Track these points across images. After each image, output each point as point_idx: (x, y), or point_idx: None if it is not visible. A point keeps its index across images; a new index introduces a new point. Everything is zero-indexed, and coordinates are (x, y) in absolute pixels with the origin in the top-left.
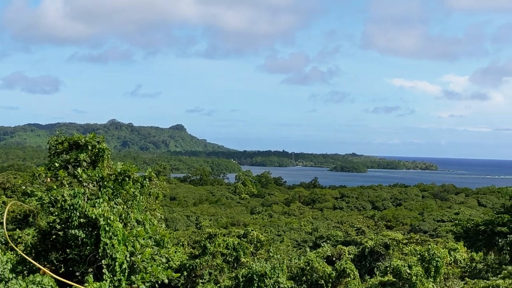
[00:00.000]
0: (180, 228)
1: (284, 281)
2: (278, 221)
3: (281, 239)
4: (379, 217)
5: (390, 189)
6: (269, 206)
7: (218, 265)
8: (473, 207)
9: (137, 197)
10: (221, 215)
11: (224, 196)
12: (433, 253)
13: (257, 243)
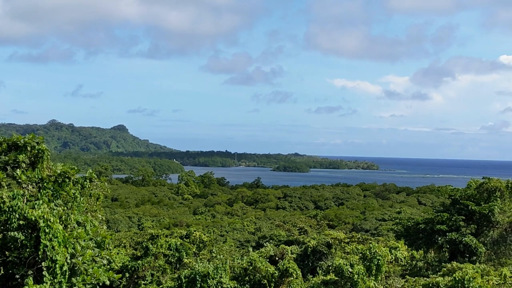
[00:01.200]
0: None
1: (227, 281)
2: (221, 222)
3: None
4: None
5: (332, 189)
6: (212, 207)
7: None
8: (414, 206)
9: (77, 199)
10: (163, 216)
11: (166, 197)
12: (374, 251)
13: (200, 243)
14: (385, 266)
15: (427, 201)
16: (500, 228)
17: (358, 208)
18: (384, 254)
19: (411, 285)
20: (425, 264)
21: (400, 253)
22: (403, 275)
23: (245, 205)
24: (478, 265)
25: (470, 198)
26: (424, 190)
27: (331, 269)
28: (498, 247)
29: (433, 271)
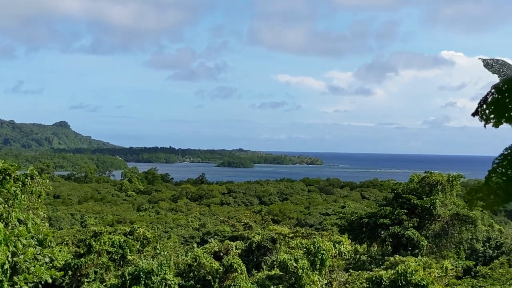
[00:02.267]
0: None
1: (172, 277)
2: (165, 218)
3: (168, 236)
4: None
5: (276, 184)
6: (156, 203)
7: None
8: (357, 200)
9: (18, 196)
10: (106, 213)
11: (110, 194)
12: (318, 246)
13: (144, 240)
14: (329, 260)
15: (370, 196)
16: (441, 221)
17: (302, 203)
18: (328, 248)
19: (355, 279)
20: (368, 258)
21: (343, 247)
22: (347, 269)
23: (189, 201)
24: (420, 258)
25: (412, 192)
26: (367, 184)
27: (276, 264)
28: (439, 240)
29: (376, 264)
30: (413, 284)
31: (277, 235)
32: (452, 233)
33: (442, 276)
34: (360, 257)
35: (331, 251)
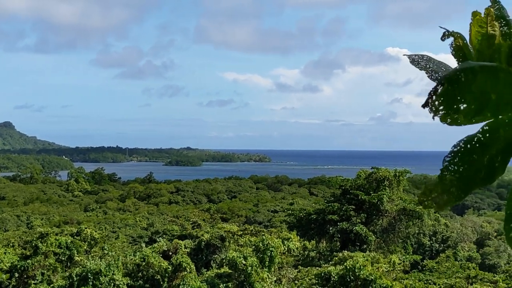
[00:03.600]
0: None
1: (120, 278)
2: (113, 218)
3: (116, 236)
4: (214, 210)
5: (225, 182)
6: (104, 203)
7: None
8: (306, 197)
9: None
10: (53, 214)
11: (56, 194)
12: (267, 243)
13: (91, 240)
14: (278, 257)
15: (318, 192)
16: (389, 216)
17: (251, 200)
18: (277, 245)
19: (304, 275)
20: (317, 254)
21: (292, 244)
22: (296, 266)
23: (137, 200)
24: (368, 253)
25: (359, 188)
26: (315, 181)
27: (225, 262)
28: (387, 235)
29: (325, 260)
30: (361, 279)
31: (226, 233)
32: (399, 228)
33: (390, 271)
34: (309, 253)
35: (280, 248)
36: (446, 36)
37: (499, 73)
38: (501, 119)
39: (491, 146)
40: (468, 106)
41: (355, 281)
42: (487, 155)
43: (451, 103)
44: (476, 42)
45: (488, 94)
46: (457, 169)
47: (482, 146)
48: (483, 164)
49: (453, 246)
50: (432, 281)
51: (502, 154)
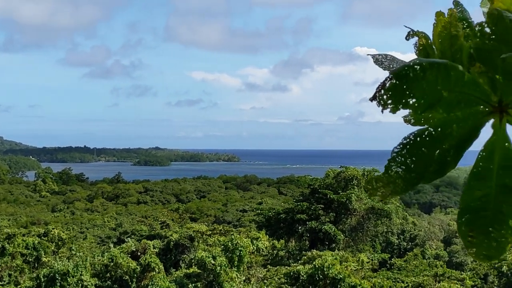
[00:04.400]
0: None
1: (88, 278)
2: (81, 218)
3: (84, 236)
4: (183, 209)
5: (194, 182)
6: (71, 203)
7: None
8: (275, 197)
9: None
10: (20, 215)
11: (23, 195)
12: (236, 243)
13: (59, 241)
14: (247, 256)
15: (287, 192)
16: (357, 215)
17: (220, 200)
18: (246, 245)
19: (273, 274)
20: (286, 253)
21: (261, 243)
22: (265, 265)
23: (105, 200)
24: (337, 252)
25: (328, 187)
26: (284, 180)
27: (194, 262)
28: (356, 233)
29: (294, 259)
30: (330, 278)
31: (194, 233)
32: (367, 226)
33: (359, 269)
34: (278, 252)
35: (249, 248)
36: (410, 35)
37: (450, 71)
38: (454, 115)
39: (444, 141)
40: (417, 101)
41: (324, 280)
42: (438, 149)
43: (399, 97)
44: (439, 42)
45: (439, 91)
46: (404, 161)
47: (433, 140)
48: (433, 158)
49: (421, 245)
50: (400, 279)
51: (455, 149)
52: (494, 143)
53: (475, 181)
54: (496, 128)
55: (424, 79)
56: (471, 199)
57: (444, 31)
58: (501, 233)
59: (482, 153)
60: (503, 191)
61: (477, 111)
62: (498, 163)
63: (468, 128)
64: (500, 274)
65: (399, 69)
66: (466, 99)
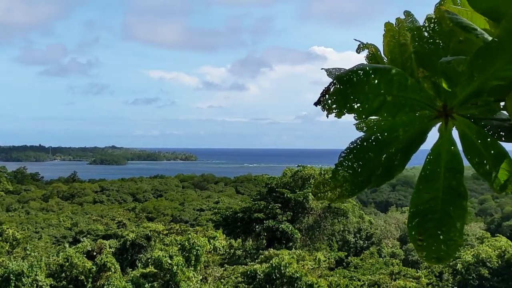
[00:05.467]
0: None
1: (43, 278)
2: (36, 218)
3: (39, 236)
4: (140, 209)
5: (150, 181)
6: (26, 203)
7: None
8: (232, 196)
9: None
10: None
11: None
12: (193, 242)
13: (13, 241)
14: (204, 256)
15: (245, 191)
16: (314, 214)
17: (177, 199)
18: (203, 244)
19: (230, 273)
20: (243, 252)
21: (218, 242)
22: (222, 264)
23: (61, 200)
24: (294, 251)
25: (285, 186)
26: (241, 179)
27: (150, 262)
28: (312, 232)
29: (251, 258)
30: (287, 277)
31: (151, 232)
32: (324, 225)
33: (315, 268)
34: (235, 251)
35: (206, 247)
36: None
37: (393, 76)
38: (400, 120)
39: (390, 145)
40: (361, 105)
41: (281, 278)
42: (385, 153)
43: (343, 102)
44: (389, 51)
45: (383, 96)
46: (351, 165)
47: (380, 145)
48: (380, 162)
49: (377, 243)
50: (357, 278)
51: (402, 153)
52: (441, 146)
53: (423, 184)
54: (442, 132)
55: (368, 83)
56: (419, 202)
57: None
58: (450, 235)
59: (429, 157)
60: (450, 193)
61: (423, 115)
62: (444, 166)
63: (414, 132)
64: (454, 272)
65: (343, 74)
66: (410, 103)
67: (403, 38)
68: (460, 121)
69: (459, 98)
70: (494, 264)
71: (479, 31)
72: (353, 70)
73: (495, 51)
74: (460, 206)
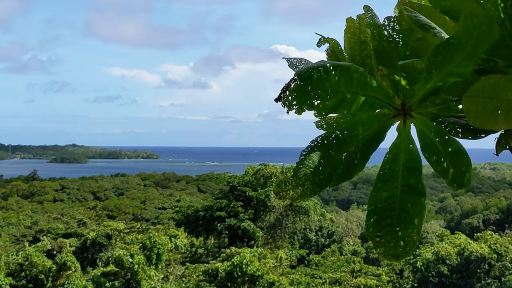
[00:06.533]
0: None
1: (2, 278)
2: None
3: None
4: (101, 207)
5: (112, 179)
6: None
7: None
8: (194, 194)
9: None
10: None
11: None
12: (154, 240)
13: None
14: (165, 254)
15: (207, 189)
16: (276, 212)
17: (138, 197)
18: (164, 242)
19: (191, 272)
20: (205, 251)
21: (180, 240)
22: (184, 262)
23: (20, 198)
24: (255, 249)
25: (247, 185)
26: (203, 178)
27: (111, 260)
28: (274, 230)
29: (213, 257)
30: (249, 275)
31: (112, 231)
32: (286, 223)
33: (277, 266)
34: (197, 250)
35: (167, 245)
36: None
37: (352, 73)
38: (360, 118)
39: (350, 144)
40: (321, 102)
41: (242, 277)
42: (345, 152)
43: (304, 98)
44: (349, 48)
45: (343, 93)
46: (311, 164)
47: (340, 143)
48: (341, 161)
49: (338, 241)
50: (318, 276)
51: (361, 151)
52: (399, 145)
53: (382, 183)
54: (401, 130)
55: (328, 80)
56: (378, 200)
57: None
58: (408, 232)
59: (388, 155)
60: (408, 191)
61: (382, 113)
62: (403, 165)
63: (374, 130)
64: (415, 269)
65: (304, 70)
66: (369, 101)
67: (364, 36)
68: (419, 120)
69: (417, 96)
70: (454, 261)
71: (437, 29)
72: (314, 66)
73: (453, 48)
74: (418, 204)
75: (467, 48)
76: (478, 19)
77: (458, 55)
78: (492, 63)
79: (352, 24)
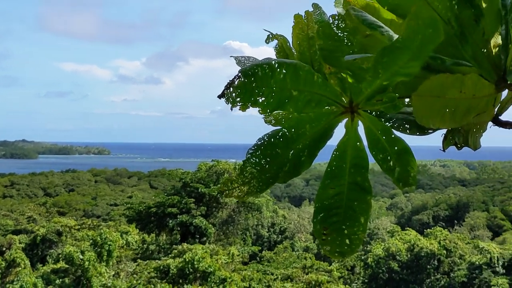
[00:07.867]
0: None
1: None
2: None
3: None
4: (51, 203)
5: (62, 175)
6: None
7: None
8: (146, 190)
9: None
10: None
11: None
12: (105, 237)
13: None
14: (116, 251)
15: (159, 185)
16: (228, 209)
17: (89, 193)
18: (115, 239)
19: (143, 269)
20: (156, 247)
21: (131, 237)
22: (135, 259)
23: None
24: (207, 246)
25: (200, 181)
26: (155, 174)
27: (61, 257)
28: (226, 227)
29: (164, 253)
30: (200, 272)
31: (62, 227)
32: (238, 220)
33: (229, 262)
34: (148, 246)
35: (118, 242)
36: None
37: (298, 71)
38: (307, 115)
39: (297, 141)
40: (266, 99)
41: (194, 273)
42: (292, 149)
43: (248, 95)
44: (298, 44)
45: (289, 90)
46: (258, 161)
47: (287, 141)
48: (288, 158)
49: (290, 237)
50: (270, 272)
51: (309, 149)
52: (346, 142)
53: (329, 180)
54: (348, 128)
55: (273, 78)
56: (325, 197)
57: (301, 32)
58: (354, 230)
59: (335, 153)
60: (355, 189)
61: (329, 111)
62: (350, 162)
63: (321, 128)
64: (366, 265)
65: (248, 67)
66: (317, 99)
67: (312, 32)
68: (366, 117)
69: (364, 94)
70: (404, 257)
71: (385, 28)
72: (259, 63)
73: (399, 49)
74: (364, 201)
75: (412, 50)
76: (423, 21)
77: (403, 56)
78: (440, 61)
79: (300, 20)
